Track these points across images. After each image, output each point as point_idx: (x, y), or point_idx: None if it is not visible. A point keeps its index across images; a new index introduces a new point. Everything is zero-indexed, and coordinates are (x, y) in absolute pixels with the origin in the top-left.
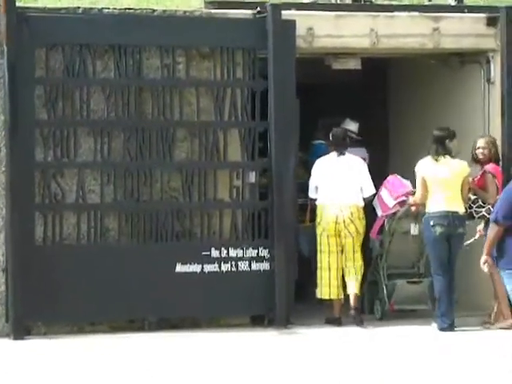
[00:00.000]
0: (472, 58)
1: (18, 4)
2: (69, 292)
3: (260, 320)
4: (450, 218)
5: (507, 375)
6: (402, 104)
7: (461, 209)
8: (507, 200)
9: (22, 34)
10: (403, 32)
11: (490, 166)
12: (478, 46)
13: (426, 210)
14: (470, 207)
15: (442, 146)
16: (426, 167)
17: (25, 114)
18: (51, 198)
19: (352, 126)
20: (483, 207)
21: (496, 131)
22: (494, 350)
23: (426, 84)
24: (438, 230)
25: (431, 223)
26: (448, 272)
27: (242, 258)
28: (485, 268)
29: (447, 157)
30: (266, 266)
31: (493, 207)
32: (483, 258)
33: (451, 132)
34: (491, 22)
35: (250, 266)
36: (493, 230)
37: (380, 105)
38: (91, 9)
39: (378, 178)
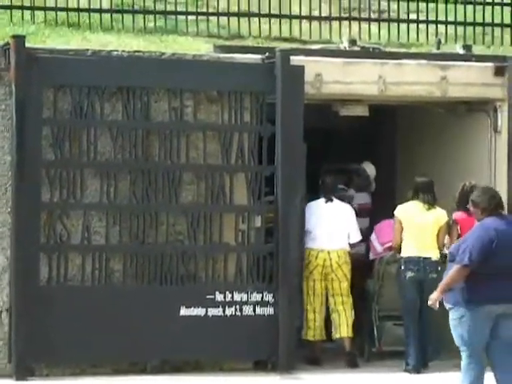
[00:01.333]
0: (479, 107)
1: (27, 45)
2: (72, 334)
3: (263, 365)
4: (421, 264)
5: None
6: (411, 150)
7: (434, 255)
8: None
9: (31, 74)
10: (411, 80)
11: (455, 214)
12: (486, 95)
13: (400, 255)
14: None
15: (430, 194)
16: (405, 212)
17: (32, 155)
18: (56, 239)
19: (370, 168)
20: None
21: (502, 179)
22: None
23: (433, 131)
24: (408, 274)
25: (402, 267)
26: (417, 317)
27: (246, 303)
28: (437, 305)
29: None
30: (270, 310)
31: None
32: (437, 295)
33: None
34: (499, 71)
35: (254, 310)
36: (460, 272)
37: (388, 150)
38: (100, 51)
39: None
